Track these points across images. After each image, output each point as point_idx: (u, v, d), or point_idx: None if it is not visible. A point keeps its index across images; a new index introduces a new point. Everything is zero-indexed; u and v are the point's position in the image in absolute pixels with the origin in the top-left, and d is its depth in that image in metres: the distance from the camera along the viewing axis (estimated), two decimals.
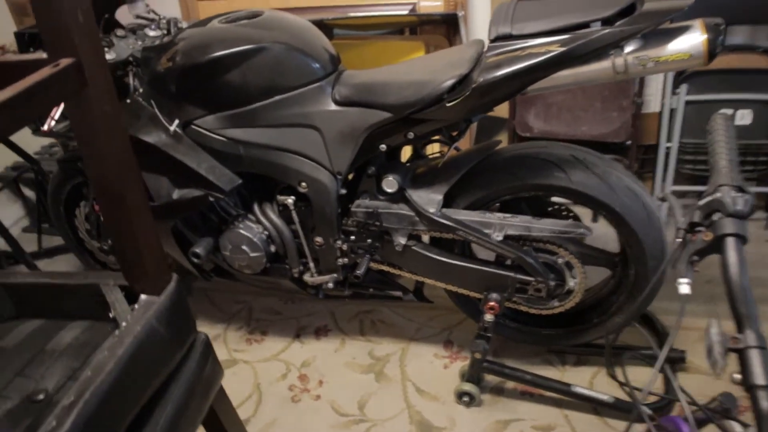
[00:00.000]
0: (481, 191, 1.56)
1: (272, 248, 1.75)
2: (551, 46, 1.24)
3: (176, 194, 1.66)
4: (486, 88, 1.29)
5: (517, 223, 1.51)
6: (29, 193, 2.88)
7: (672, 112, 2.19)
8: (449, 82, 1.35)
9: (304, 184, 1.61)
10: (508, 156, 1.55)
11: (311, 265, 1.77)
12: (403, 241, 1.63)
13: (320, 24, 2.15)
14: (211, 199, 1.62)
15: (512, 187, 1.52)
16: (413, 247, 1.63)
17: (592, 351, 1.81)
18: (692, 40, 1.23)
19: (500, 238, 1.52)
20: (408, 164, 1.67)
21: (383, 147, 1.51)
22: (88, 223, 2.14)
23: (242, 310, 2.21)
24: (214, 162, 1.60)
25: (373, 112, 1.47)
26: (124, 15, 1.93)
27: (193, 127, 1.59)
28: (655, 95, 2.34)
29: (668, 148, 2.23)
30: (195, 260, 1.74)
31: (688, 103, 2.15)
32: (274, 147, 1.58)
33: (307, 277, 1.80)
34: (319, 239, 1.70)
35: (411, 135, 1.46)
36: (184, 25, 1.79)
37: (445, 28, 2.27)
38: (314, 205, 1.64)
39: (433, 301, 1.82)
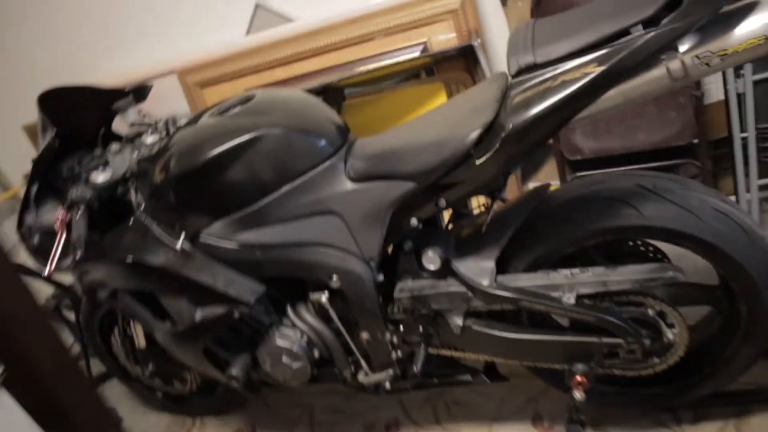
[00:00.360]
0: (539, 248, 1.31)
1: (316, 353, 1.54)
2: (588, 68, 1.00)
3: (199, 315, 1.48)
4: (518, 134, 1.06)
5: (590, 279, 1.25)
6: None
7: (740, 97, 1.89)
8: (473, 136, 1.13)
9: (335, 277, 1.40)
10: (563, 201, 1.30)
11: (363, 363, 1.55)
12: (460, 322, 1.39)
13: (328, 88, 1.97)
14: (236, 315, 1.43)
15: (576, 238, 1.27)
16: (473, 327, 1.39)
17: (712, 401, 1.50)
18: (764, 18, 0.97)
19: (572, 300, 1.26)
20: (449, 229, 1.43)
21: (414, 222, 1.29)
22: (124, 349, 2.00)
23: (303, 414, 1.99)
24: (232, 273, 1.42)
25: (393, 184, 1.26)
26: (120, 125, 1.81)
27: (202, 238, 1.41)
28: (716, 83, 2.03)
29: (744, 139, 1.92)
30: (234, 384, 1.54)
31: (756, 83, 1.85)
32: (293, 243, 1.39)
33: (361, 378, 1.57)
34: (364, 335, 1.48)
35: (443, 203, 1.24)
36: (183, 122, 1.64)
37: (464, 61, 2.06)
38: (351, 298, 1.42)
39: (508, 378, 1.55)
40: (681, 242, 1.22)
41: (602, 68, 0.99)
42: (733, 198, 2.02)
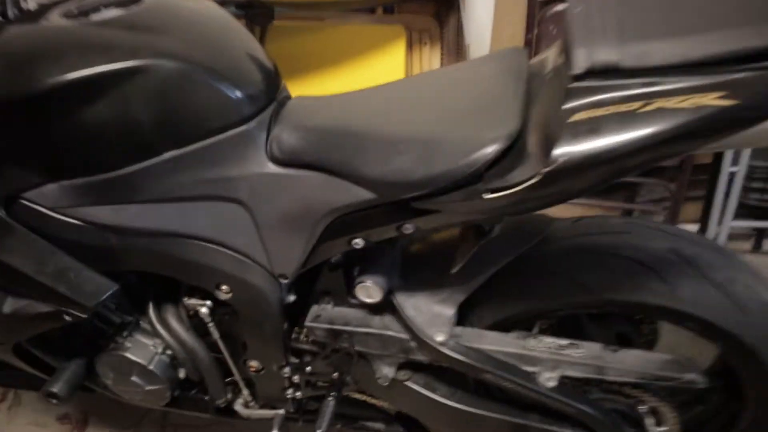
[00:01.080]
0: (521, 303, 0.95)
1: (180, 374, 1.11)
2: (705, 97, 0.61)
3: (7, 307, 0.99)
4: (573, 171, 0.65)
5: (583, 360, 0.91)
6: None
7: None
8: (488, 153, 0.71)
9: (225, 288, 0.97)
10: (569, 246, 0.93)
11: (244, 392, 1.15)
12: (390, 373, 1.02)
13: (253, 3, 1.44)
14: (68, 318, 0.96)
15: (578, 303, 0.92)
16: (407, 383, 1.02)
17: None
18: None
19: (553, 383, 0.92)
20: (399, 249, 1.03)
21: (358, 243, 0.87)
22: None
23: (155, 413, 1.57)
24: (68, 261, 0.93)
25: (341, 185, 0.82)
26: None
27: (24, 203, 0.90)
28: None
29: (732, 174, 1.65)
30: (53, 401, 1.08)
31: None
32: (169, 233, 0.93)
33: (239, 408, 1.17)
34: (254, 364, 1.07)
35: (409, 229, 0.82)
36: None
37: (435, 6, 1.59)
38: (244, 318, 1.00)
39: None
40: (712, 337, 0.90)
41: (729, 103, 0.60)
42: (697, 227, 1.79)
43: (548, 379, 0.92)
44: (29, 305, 0.97)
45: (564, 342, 0.94)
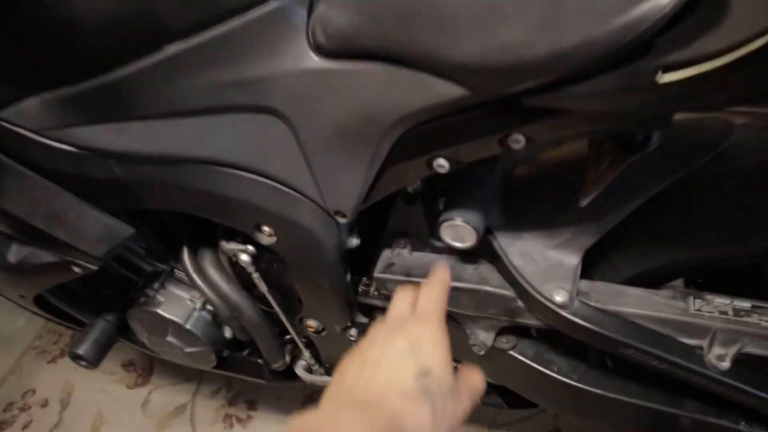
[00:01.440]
0: (678, 251, 0.65)
1: (226, 333, 0.91)
2: None
3: (12, 256, 0.80)
4: None
5: None
6: None
7: None
8: (665, 3, 0.41)
9: (266, 229, 0.73)
10: (756, 167, 0.62)
11: (305, 354, 0.94)
12: (488, 340, 0.76)
13: None
14: (78, 270, 0.77)
15: (760, 251, 0.61)
16: (511, 353, 0.77)
17: None
18: None
19: (726, 364, 0.64)
20: (498, 170, 0.75)
21: (443, 165, 0.60)
22: None
23: None
24: (66, 199, 0.72)
25: (416, 79, 0.54)
26: None
27: (2, 125, 0.69)
28: None
29: None
30: (82, 364, 0.91)
31: None
32: (186, 158, 0.69)
33: (301, 373, 0.97)
34: (312, 323, 0.85)
35: (518, 143, 0.54)
36: None
37: None
38: (294, 267, 0.77)
39: (537, 405, 0.97)
40: None
41: None
42: None
43: (720, 357, 0.64)
44: (33, 254, 0.78)
45: (745, 304, 0.64)
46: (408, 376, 0.43)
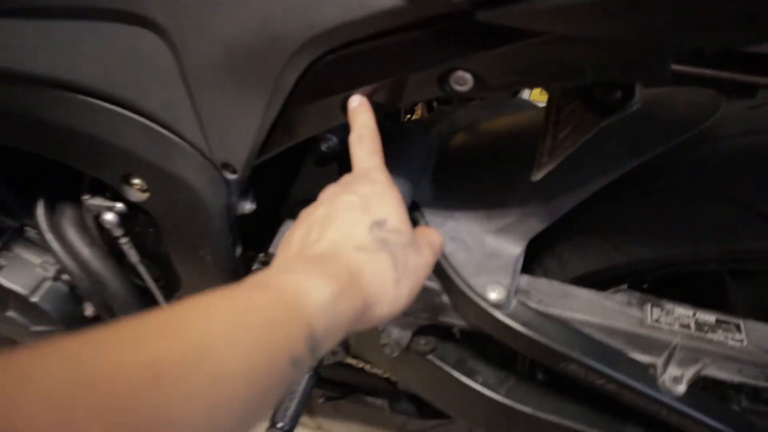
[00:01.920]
0: (643, 247, 0.54)
1: (86, 310, 0.74)
2: None
3: None
4: None
5: (745, 354, 0.51)
6: None
7: None
8: None
9: (137, 182, 0.57)
10: (740, 151, 0.51)
11: None
12: (404, 340, 0.63)
13: None
14: None
15: (737, 251, 0.51)
16: (430, 358, 0.64)
17: None
18: None
19: (682, 387, 0.53)
20: (434, 130, 0.62)
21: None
22: None
23: None
24: None
25: None
26: None
27: None
28: None
29: None
30: None
31: None
32: (33, 79, 0.52)
33: None
34: None
35: (465, 83, 0.40)
36: None
37: None
38: (169, 235, 0.61)
39: (450, 416, 0.84)
40: None
41: None
42: None
43: (675, 379, 0.53)
44: None
45: (710, 317, 0.53)
46: (362, 229, 0.39)
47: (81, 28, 0.50)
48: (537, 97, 1.14)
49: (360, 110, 0.44)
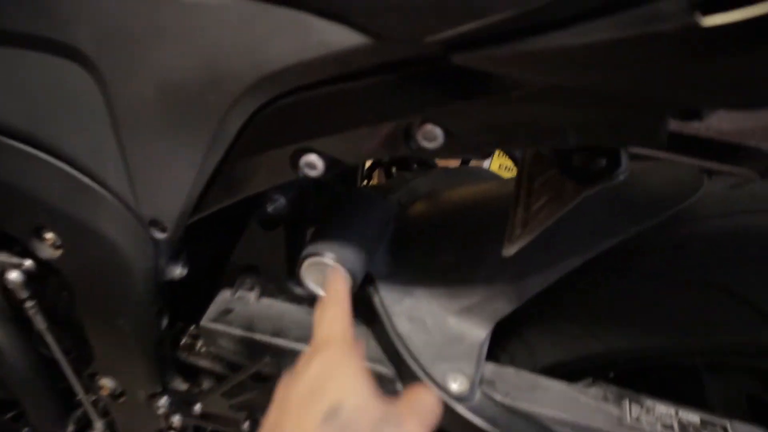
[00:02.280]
0: (619, 335, 0.48)
1: None
2: None
3: None
4: None
5: None
6: None
7: None
8: None
9: (49, 236, 0.49)
10: (721, 234, 0.47)
11: (97, 426, 0.67)
12: None
13: None
14: None
15: (720, 344, 0.46)
16: None
17: None
18: None
19: None
20: (394, 196, 0.56)
21: (315, 166, 0.40)
22: None
23: None
24: None
25: (293, 19, 0.35)
26: None
27: None
28: None
29: None
30: None
31: None
32: None
33: None
34: (106, 383, 0.59)
35: (435, 138, 0.35)
36: None
37: None
38: (83, 299, 0.52)
39: None
40: None
41: None
42: None
43: None
44: None
45: (693, 417, 0.48)
46: (312, 423, 0.34)
47: None
48: (497, 170, 1.11)
49: (336, 284, 0.42)
